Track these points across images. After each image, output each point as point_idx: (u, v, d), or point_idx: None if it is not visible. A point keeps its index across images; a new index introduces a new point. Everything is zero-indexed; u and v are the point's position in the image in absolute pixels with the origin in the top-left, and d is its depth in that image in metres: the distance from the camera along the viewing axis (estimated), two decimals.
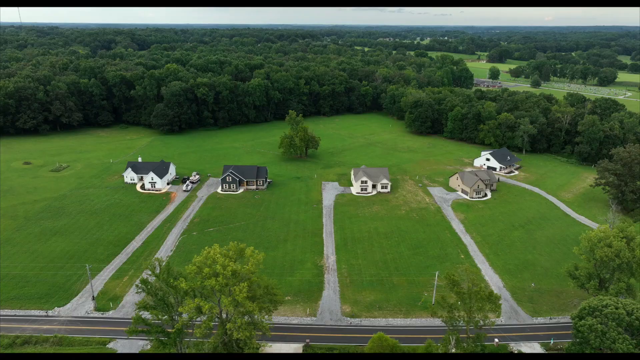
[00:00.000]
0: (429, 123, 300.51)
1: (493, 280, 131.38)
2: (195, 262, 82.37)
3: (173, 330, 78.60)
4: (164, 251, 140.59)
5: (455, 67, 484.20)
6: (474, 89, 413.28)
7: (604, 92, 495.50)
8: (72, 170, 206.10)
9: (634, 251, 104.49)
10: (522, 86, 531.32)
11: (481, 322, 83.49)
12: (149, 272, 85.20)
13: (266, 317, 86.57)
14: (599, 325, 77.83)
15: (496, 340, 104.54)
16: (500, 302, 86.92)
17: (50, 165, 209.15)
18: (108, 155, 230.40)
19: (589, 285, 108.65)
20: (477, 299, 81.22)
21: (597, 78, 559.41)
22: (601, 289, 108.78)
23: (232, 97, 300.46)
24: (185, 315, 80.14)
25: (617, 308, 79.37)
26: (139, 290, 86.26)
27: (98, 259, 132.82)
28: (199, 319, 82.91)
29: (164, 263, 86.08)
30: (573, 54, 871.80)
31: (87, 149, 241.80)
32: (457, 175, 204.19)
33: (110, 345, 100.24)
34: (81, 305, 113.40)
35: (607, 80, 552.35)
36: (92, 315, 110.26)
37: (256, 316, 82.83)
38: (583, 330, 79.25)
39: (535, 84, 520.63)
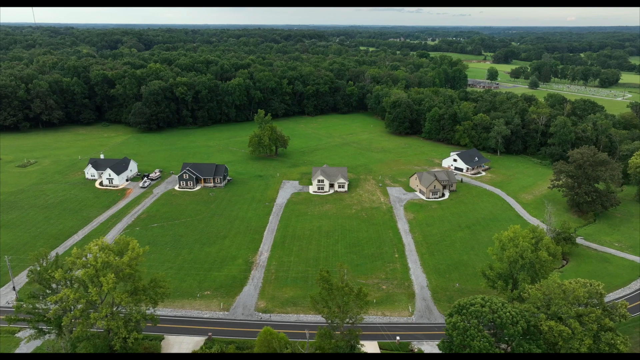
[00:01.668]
0: (407, 123, 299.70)
1: (418, 280, 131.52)
2: (73, 253, 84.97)
3: (48, 319, 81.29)
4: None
5: (448, 68, 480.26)
6: (468, 89, 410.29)
7: (603, 94, 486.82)
8: (38, 166, 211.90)
9: (537, 252, 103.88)
10: (519, 87, 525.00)
11: (349, 318, 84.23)
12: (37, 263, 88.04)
13: (151, 308, 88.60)
14: (461, 323, 78.05)
15: (397, 338, 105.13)
16: (367, 299, 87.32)
17: (19, 161, 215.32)
18: (80, 152, 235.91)
19: (497, 285, 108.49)
20: (342, 294, 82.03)
21: (598, 79, 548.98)
22: (514, 289, 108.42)
23: (212, 97, 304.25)
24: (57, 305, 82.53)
25: (482, 306, 79.40)
26: (29, 280, 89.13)
27: (31, 250, 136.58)
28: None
29: (50, 254, 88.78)
30: (582, 54, 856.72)
31: (61, 146, 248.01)
32: (416, 175, 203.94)
33: (19, 334, 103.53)
34: (4, 296, 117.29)
35: (609, 82, 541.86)
36: (12, 305, 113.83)
37: (139, 307, 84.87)
38: (448, 327, 79.59)
39: (533, 85, 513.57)
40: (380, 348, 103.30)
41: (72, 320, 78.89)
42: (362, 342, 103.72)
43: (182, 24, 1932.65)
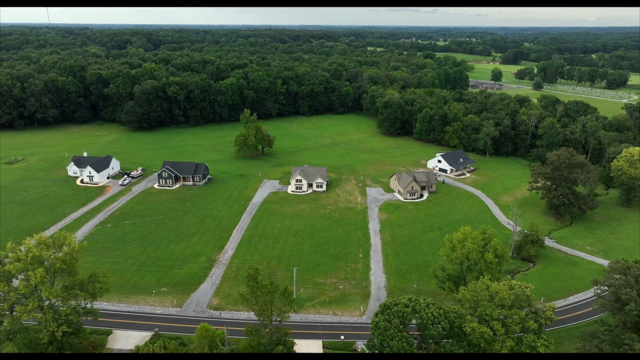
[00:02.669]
0: (399, 124, 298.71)
1: (377, 280, 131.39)
2: (7, 247, 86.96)
3: None
4: None
5: (449, 69, 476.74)
6: (464, 90, 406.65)
7: (609, 95, 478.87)
8: (24, 163, 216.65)
9: (483, 253, 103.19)
10: (524, 88, 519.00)
11: (275, 316, 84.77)
12: None
13: (90, 303, 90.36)
14: (383, 323, 78.06)
15: (342, 337, 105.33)
16: (292, 297, 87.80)
17: (6, 158, 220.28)
18: (69, 150, 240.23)
19: (445, 287, 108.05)
20: (265, 292, 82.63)
21: (605, 81, 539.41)
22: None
23: (205, 96, 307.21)
24: None
25: (406, 306, 79.31)
26: None
27: (2, 246, 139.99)
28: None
29: None
30: (593, 55, 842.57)
31: (52, 144, 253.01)
32: (395, 176, 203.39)
33: None
34: None
35: (616, 83, 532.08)
36: None
37: (73, 302, 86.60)
38: (372, 327, 79.67)
39: (537, 86, 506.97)
40: (324, 347, 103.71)
41: (4, 313, 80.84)
42: (306, 340, 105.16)
43: (198, 24, 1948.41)
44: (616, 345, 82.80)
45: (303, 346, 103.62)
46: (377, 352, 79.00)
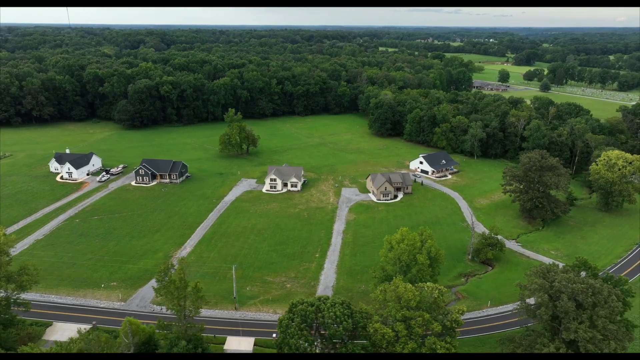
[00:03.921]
0: (389, 125, 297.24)
1: (326, 280, 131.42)
2: None
3: None
4: (38, 234, 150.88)
5: (452, 69, 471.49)
6: (473, 91, 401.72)
7: (618, 97, 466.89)
8: (12, 159, 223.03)
9: (414, 255, 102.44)
10: (531, 90, 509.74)
11: (187, 311, 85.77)
12: None
13: (16, 294, 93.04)
14: (286, 321, 78.43)
15: (274, 335, 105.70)
16: (201, 294, 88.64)
17: None
18: (58, 147, 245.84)
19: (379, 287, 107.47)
20: (174, 288, 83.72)
21: (616, 82, 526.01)
22: None
23: (197, 95, 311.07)
24: None
25: (311, 305, 79.46)
26: None
27: None
28: None
29: None
30: (611, 56, 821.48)
31: (44, 140, 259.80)
32: (370, 176, 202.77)
33: None
34: None
35: (628, 85, 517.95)
36: None
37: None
38: (277, 325, 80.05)
39: (544, 88, 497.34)
40: (255, 344, 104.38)
41: None
42: (239, 337, 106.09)
43: (219, 25, 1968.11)
44: (530, 349, 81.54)
45: (234, 343, 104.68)
46: (279, 349, 79.37)
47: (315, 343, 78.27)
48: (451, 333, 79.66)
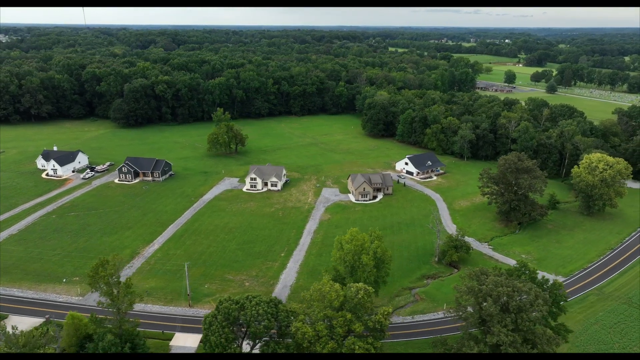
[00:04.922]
0: (382, 125, 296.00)
1: (286, 279, 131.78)
2: None
3: None
4: (12, 230, 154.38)
5: (455, 70, 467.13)
6: (470, 92, 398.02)
7: (627, 99, 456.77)
8: (3, 155, 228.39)
9: (359, 255, 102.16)
10: (537, 91, 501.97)
11: (120, 306, 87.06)
12: None
13: None
14: (210, 318, 79.06)
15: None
16: (132, 290, 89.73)
17: None
18: (51, 145, 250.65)
19: None
20: (104, 284, 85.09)
21: (626, 84, 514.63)
22: None
23: (193, 95, 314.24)
24: None
25: (236, 303, 79.93)
26: None
27: None
28: None
29: None
30: (626, 58, 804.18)
31: (39, 138, 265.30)
32: (350, 177, 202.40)
33: None
34: None
35: (638, 87, 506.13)
36: None
37: None
38: (202, 322, 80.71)
39: (551, 90, 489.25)
40: (201, 341, 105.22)
41: None
42: (187, 333, 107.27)
43: (236, 25, 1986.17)
44: (459, 351, 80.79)
45: (181, 338, 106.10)
46: (205, 346, 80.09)
47: (238, 341, 78.73)
48: (376, 334, 79.28)
